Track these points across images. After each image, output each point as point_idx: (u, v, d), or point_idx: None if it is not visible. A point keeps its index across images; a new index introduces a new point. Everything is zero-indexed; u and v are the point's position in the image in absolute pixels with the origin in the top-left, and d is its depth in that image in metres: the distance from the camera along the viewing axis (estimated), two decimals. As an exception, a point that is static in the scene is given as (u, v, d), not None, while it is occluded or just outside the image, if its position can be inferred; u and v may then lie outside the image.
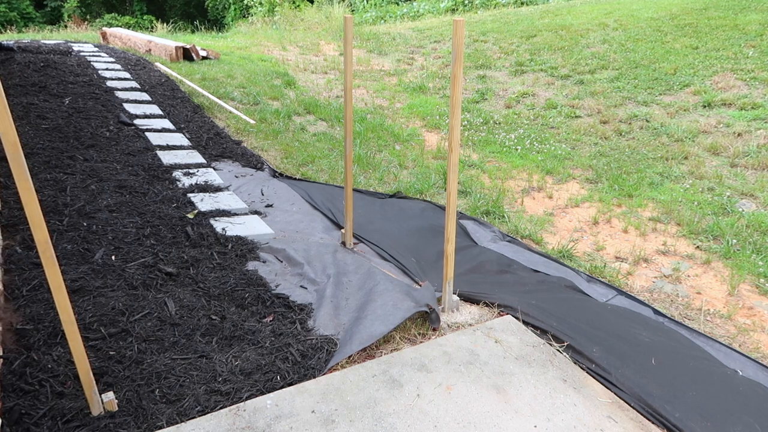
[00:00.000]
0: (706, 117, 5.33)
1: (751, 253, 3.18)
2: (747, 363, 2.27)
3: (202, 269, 2.72)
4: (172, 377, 1.97)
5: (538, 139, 5.32)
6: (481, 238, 3.32)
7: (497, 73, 7.63)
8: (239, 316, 2.39)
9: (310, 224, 3.46)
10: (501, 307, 2.56)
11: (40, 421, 1.73)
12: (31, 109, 4.79)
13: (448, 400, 1.94)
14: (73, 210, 3.09)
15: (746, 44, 6.81)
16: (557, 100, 6.30)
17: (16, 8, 22.22)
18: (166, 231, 3.04)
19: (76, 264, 2.58)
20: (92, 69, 6.82)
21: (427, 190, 4.08)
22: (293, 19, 13.19)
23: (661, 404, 1.96)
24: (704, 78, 6.16)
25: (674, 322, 2.54)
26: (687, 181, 4.22)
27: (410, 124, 5.96)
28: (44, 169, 3.59)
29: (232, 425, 1.77)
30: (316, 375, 2.05)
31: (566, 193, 4.15)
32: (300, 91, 6.96)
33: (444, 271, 2.49)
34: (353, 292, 2.60)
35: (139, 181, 3.67)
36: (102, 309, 2.28)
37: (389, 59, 8.88)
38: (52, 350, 2.03)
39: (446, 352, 2.20)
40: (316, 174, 4.34)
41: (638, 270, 3.08)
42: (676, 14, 8.61)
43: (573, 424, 1.85)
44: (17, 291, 2.34)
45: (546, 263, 3.03)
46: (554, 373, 2.11)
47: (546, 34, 8.96)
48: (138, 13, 23.52)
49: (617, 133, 5.31)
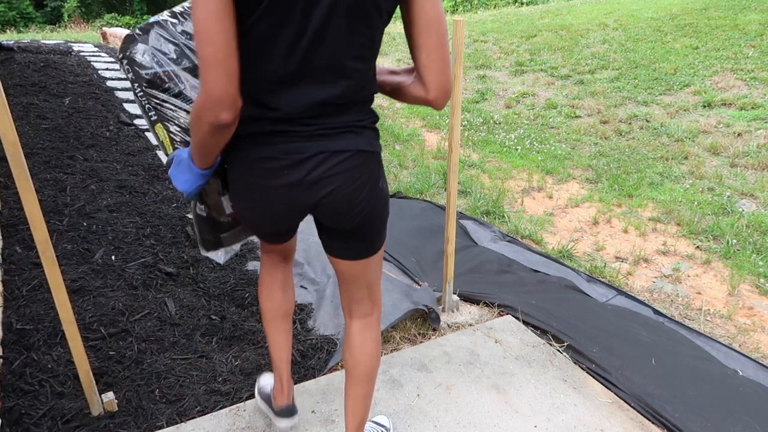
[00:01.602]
0: (706, 117, 5.34)
1: (751, 253, 3.18)
2: (747, 363, 2.27)
3: (202, 269, 2.72)
4: (172, 377, 1.97)
5: (538, 139, 5.32)
6: (481, 238, 3.32)
7: (497, 73, 7.63)
8: (239, 316, 2.39)
9: (309, 224, 3.45)
10: (501, 307, 2.56)
11: (40, 421, 1.73)
12: (31, 109, 4.79)
13: (448, 400, 1.94)
14: (73, 210, 3.09)
15: (746, 44, 6.81)
16: (557, 100, 6.31)
17: (16, 8, 22.22)
18: (166, 231, 3.04)
19: (76, 264, 2.58)
20: (92, 69, 6.82)
21: (427, 190, 4.08)
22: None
23: (661, 404, 1.97)
24: (704, 78, 6.16)
25: (674, 322, 2.54)
26: (687, 181, 4.22)
27: (410, 124, 5.97)
28: (44, 169, 3.59)
29: (232, 425, 1.77)
30: (316, 375, 2.05)
31: (566, 193, 4.15)
32: (300, 91, 6.95)
33: (444, 271, 2.49)
34: (353, 292, 2.60)
35: (139, 181, 3.67)
36: (102, 309, 2.28)
37: (389, 59, 8.88)
38: (52, 350, 2.03)
39: (446, 352, 2.20)
40: (316, 174, 4.34)
41: (638, 270, 3.08)
42: (676, 14, 8.61)
43: (573, 424, 1.86)
44: (17, 291, 2.34)
45: (546, 263, 3.03)
46: (554, 373, 2.11)
47: (546, 34, 8.96)
48: (138, 13, 23.53)
49: (617, 133, 5.31)
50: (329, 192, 1.20)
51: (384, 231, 1.39)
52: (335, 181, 1.19)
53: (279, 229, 1.38)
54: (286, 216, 1.28)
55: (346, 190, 1.21)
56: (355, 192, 1.23)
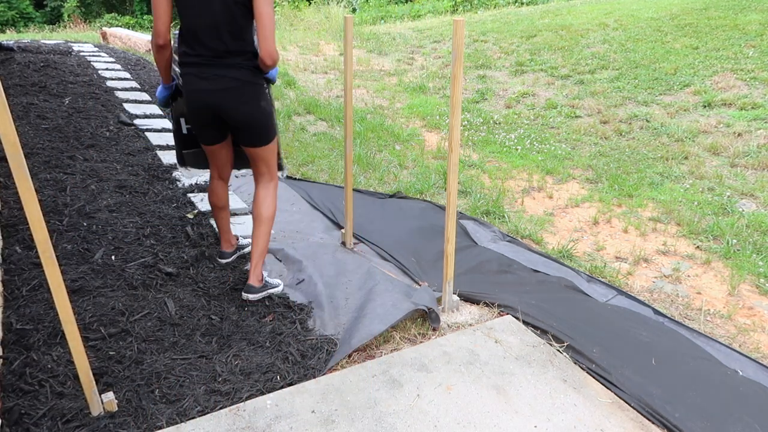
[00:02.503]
0: (706, 117, 5.34)
1: (751, 253, 3.18)
2: (747, 363, 2.27)
3: (202, 269, 2.72)
4: (171, 377, 1.97)
5: (538, 139, 5.32)
6: (481, 238, 3.32)
7: (497, 73, 7.63)
8: (239, 316, 2.39)
9: (310, 224, 3.46)
10: (501, 307, 2.56)
11: (40, 421, 1.73)
12: (31, 109, 4.79)
13: (448, 400, 1.94)
14: (73, 210, 3.09)
15: (746, 44, 6.81)
16: (557, 100, 6.31)
17: (16, 8, 22.21)
18: (166, 231, 3.04)
19: (76, 264, 2.58)
20: (92, 69, 6.82)
21: (427, 190, 4.08)
22: (293, 18, 13.19)
23: (661, 404, 1.97)
24: (704, 78, 6.16)
25: (674, 322, 2.54)
26: (687, 181, 4.22)
27: (410, 124, 5.96)
28: (44, 169, 3.59)
29: (232, 425, 1.77)
30: (316, 375, 2.05)
31: (566, 193, 4.15)
32: (300, 90, 6.96)
33: (444, 271, 2.49)
34: (353, 292, 2.60)
35: (139, 181, 3.67)
36: (102, 309, 2.28)
37: (389, 59, 8.88)
38: (52, 350, 2.03)
39: (446, 352, 2.20)
40: (316, 174, 4.34)
41: (638, 270, 3.08)
42: (676, 14, 8.61)
43: (573, 424, 1.85)
44: (17, 291, 2.34)
45: (546, 263, 3.03)
46: (554, 373, 2.11)
47: (546, 34, 8.96)
48: (138, 13, 23.51)
49: (617, 133, 5.31)
50: (220, 97, 2.24)
51: (267, 133, 2.38)
52: (223, 92, 2.23)
53: (202, 121, 2.34)
54: (203, 110, 2.29)
55: (230, 99, 2.24)
56: (236, 101, 2.25)
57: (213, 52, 2.18)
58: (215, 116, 2.30)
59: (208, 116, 2.31)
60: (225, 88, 2.21)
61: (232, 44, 2.17)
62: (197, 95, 2.25)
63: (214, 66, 2.20)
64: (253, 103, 2.27)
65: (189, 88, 2.26)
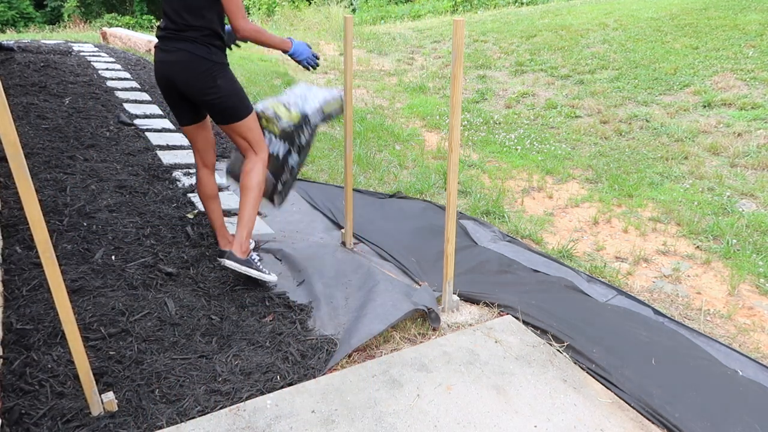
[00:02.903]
0: (706, 117, 5.34)
1: (751, 253, 3.18)
2: (747, 363, 2.27)
3: (202, 269, 2.72)
4: (172, 377, 1.97)
5: (538, 139, 5.32)
6: (481, 238, 3.32)
7: (497, 73, 7.63)
8: (239, 316, 2.39)
9: (310, 224, 3.46)
10: (501, 307, 2.56)
11: (40, 421, 1.73)
12: (31, 109, 4.79)
13: (448, 400, 1.94)
14: (73, 210, 3.09)
15: (746, 44, 6.81)
16: (557, 100, 6.31)
17: (16, 8, 22.21)
18: (166, 231, 3.04)
19: (76, 264, 2.58)
20: (92, 69, 6.82)
21: (427, 190, 4.09)
22: (293, 19, 13.19)
23: (661, 404, 1.97)
24: (704, 78, 6.16)
25: (674, 322, 2.54)
26: (687, 181, 4.22)
27: (410, 124, 5.96)
28: (44, 169, 3.59)
29: (232, 425, 1.77)
30: (316, 375, 2.05)
31: (566, 193, 4.15)
32: (300, 91, 6.95)
33: (444, 271, 2.49)
34: (353, 292, 2.60)
35: (139, 181, 3.67)
36: (102, 309, 2.28)
37: (389, 59, 8.88)
38: (52, 350, 2.03)
39: (446, 352, 2.20)
40: (316, 174, 4.34)
41: (638, 270, 3.08)
42: (676, 14, 8.61)
43: (573, 424, 1.86)
44: (17, 291, 2.34)
45: (546, 263, 3.03)
46: (554, 373, 2.11)
47: (546, 34, 8.96)
48: (138, 13, 23.52)
49: (617, 133, 5.31)
50: (170, 69, 2.38)
51: (234, 111, 2.47)
52: (173, 64, 2.37)
53: (168, 96, 2.50)
54: (161, 82, 2.46)
55: (178, 70, 2.37)
56: (185, 74, 2.37)
57: (175, 26, 2.34)
58: (174, 90, 2.45)
59: (168, 89, 2.46)
60: (175, 60, 2.35)
61: (191, 20, 2.32)
62: (157, 66, 2.43)
63: (173, 39, 2.36)
64: (206, 79, 2.37)
65: (155, 59, 2.46)
